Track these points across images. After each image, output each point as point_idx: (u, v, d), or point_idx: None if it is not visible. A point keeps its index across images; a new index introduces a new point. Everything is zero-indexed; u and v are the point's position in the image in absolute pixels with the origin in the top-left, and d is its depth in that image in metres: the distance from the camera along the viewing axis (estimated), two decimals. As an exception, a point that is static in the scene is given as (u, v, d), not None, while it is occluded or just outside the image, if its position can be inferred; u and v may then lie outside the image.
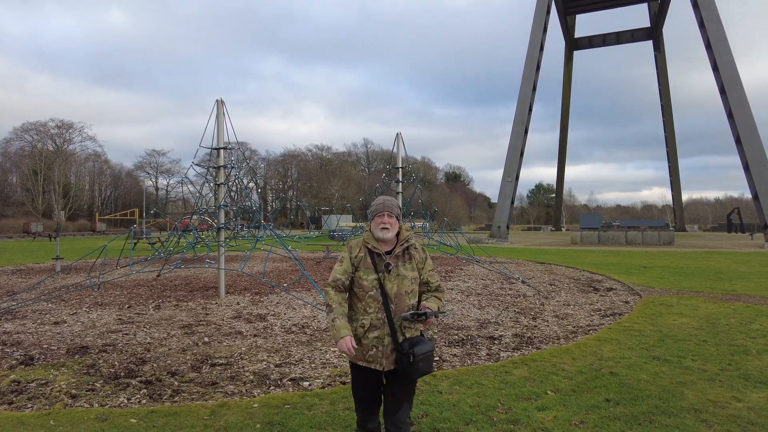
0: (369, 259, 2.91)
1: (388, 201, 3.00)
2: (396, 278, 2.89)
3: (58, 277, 13.35)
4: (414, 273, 2.96)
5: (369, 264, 2.90)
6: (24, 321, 7.66)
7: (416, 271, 2.97)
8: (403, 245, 2.97)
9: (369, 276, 2.89)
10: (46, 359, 5.60)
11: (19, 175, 66.89)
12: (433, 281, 3.02)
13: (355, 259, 2.94)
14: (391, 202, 3.00)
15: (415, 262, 2.98)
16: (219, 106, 10.07)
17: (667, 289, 10.69)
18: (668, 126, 58.54)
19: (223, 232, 10.44)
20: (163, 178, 79.77)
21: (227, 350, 5.97)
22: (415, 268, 2.97)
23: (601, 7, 49.75)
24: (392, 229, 2.94)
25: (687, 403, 4.16)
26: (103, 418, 3.90)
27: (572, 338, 6.51)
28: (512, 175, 36.54)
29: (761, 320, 7.39)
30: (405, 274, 2.92)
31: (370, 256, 2.92)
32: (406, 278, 2.91)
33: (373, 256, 2.92)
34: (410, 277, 2.93)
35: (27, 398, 4.39)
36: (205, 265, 11.28)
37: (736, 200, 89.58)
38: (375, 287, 2.87)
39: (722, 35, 31.33)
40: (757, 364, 5.19)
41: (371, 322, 2.85)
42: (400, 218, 3.02)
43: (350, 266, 2.94)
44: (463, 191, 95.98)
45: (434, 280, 3.02)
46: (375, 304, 2.86)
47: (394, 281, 2.88)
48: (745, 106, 30.13)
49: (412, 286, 2.93)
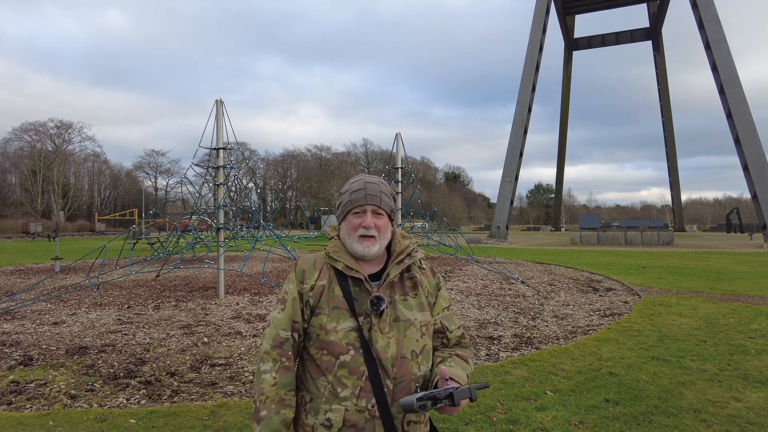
0: (339, 292, 1.61)
1: (373, 186, 1.70)
2: (394, 326, 1.59)
3: (57, 277, 13.34)
4: (424, 314, 1.66)
5: (339, 301, 1.60)
6: (23, 321, 7.65)
7: (427, 311, 1.68)
8: (400, 262, 1.68)
9: (341, 324, 1.57)
10: (45, 360, 5.59)
11: (18, 175, 66.83)
12: (453, 328, 1.74)
13: (311, 294, 1.62)
14: (377, 188, 1.70)
15: (423, 293, 1.69)
16: (218, 106, 10.06)
17: (666, 290, 10.69)
18: (667, 126, 58.57)
19: (222, 233, 10.44)
20: (162, 178, 79.76)
21: (227, 350, 5.96)
22: (424, 304, 1.67)
23: (601, 7, 49.78)
24: (381, 238, 1.66)
25: (686, 403, 4.16)
26: (102, 419, 3.90)
27: (571, 338, 6.51)
28: (511, 175, 36.55)
29: (760, 320, 7.40)
30: (409, 317, 1.62)
31: (341, 285, 1.62)
32: (411, 325, 1.61)
33: (346, 286, 1.62)
34: (418, 323, 1.63)
35: (26, 399, 4.39)
36: (204, 266, 11.28)
37: (735, 200, 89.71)
38: (353, 346, 1.55)
39: (721, 36, 31.34)
40: (756, 364, 5.20)
41: (346, 417, 1.53)
42: (393, 216, 1.77)
43: (299, 310, 1.62)
44: (462, 191, 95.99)
45: (454, 326, 1.74)
46: (354, 381, 1.54)
47: (391, 333, 1.58)
48: (744, 106, 30.14)
49: (422, 341, 1.62)
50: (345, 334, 1.57)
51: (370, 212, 1.67)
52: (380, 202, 1.68)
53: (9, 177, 68.81)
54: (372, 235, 1.64)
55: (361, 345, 1.56)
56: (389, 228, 1.71)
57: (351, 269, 1.63)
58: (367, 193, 1.68)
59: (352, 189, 1.71)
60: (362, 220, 1.65)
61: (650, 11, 54.19)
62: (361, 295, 1.62)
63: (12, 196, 66.50)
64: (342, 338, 1.56)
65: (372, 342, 1.56)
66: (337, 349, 1.56)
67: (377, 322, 1.57)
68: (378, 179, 1.75)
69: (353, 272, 1.63)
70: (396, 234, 1.76)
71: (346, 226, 1.69)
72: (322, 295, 1.62)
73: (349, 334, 1.57)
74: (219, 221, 10.29)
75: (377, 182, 1.73)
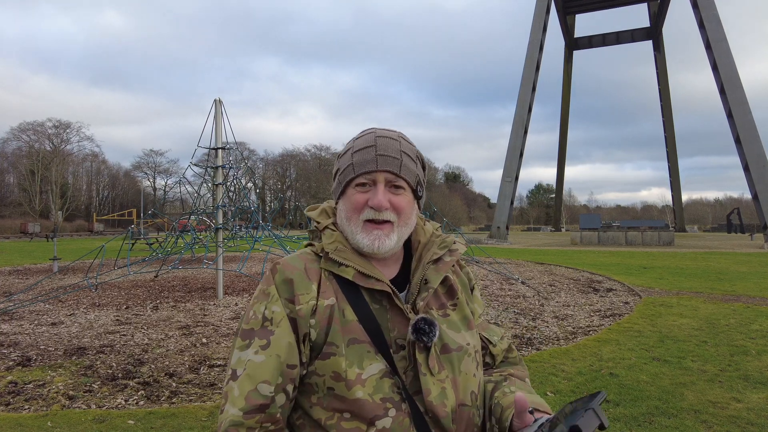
0: (352, 316, 1.03)
1: (389, 143, 1.10)
2: (444, 361, 1.06)
3: (56, 277, 13.32)
4: (473, 334, 1.15)
5: (356, 331, 1.02)
6: (21, 322, 7.63)
7: (474, 327, 1.16)
8: (437, 261, 1.14)
9: (367, 369, 1.00)
10: (43, 360, 5.57)
11: (17, 175, 66.89)
12: (496, 339, 1.26)
13: (313, 323, 1.02)
14: (395, 146, 1.10)
15: (462, 297, 1.17)
16: (217, 106, 10.05)
17: (666, 290, 10.68)
18: (668, 126, 58.58)
19: (221, 233, 10.42)
20: (160, 178, 79.74)
21: (225, 351, 5.94)
22: (468, 317, 1.15)
23: (601, 6, 49.77)
24: (400, 224, 1.09)
25: (686, 403, 4.14)
26: (100, 420, 3.88)
27: (572, 339, 6.49)
28: (512, 175, 36.54)
29: (761, 321, 7.38)
30: (459, 342, 1.09)
31: (352, 304, 1.04)
32: (465, 355, 1.09)
33: (362, 304, 1.04)
34: (472, 350, 1.12)
35: (24, 399, 4.37)
36: (203, 266, 11.25)
37: (735, 200, 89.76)
38: (393, 403, 1.00)
39: (722, 35, 31.33)
40: (756, 365, 5.18)
41: None
42: (422, 191, 1.16)
43: (295, 348, 1.01)
44: (462, 191, 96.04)
45: (496, 337, 1.27)
46: None
47: (443, 373, 1.04)
48: (745, 106, 30.14)
49: (478, 374, 1.12)
50: (377, 385, 0.98)
51: (382, 183, 1.07)
52: (399, 168, 1.07)
53: (7, 177, 68.85)
54: (386, 219, 1.06)
55: (404, 399, 1.00)
56: (414, 210, 1.12)
57: (367, 277, 1.04)
58: (379, 153, 1.07)
59: (356, 147, 1.10)
60: (370, 197, 1.07)
61: (651, 11, 54.18)
62: (385, 316, 1.04)
63: (10, 196, 66.52)
64: (374, 392, 0.98)
65: (425, 392, 1.00)
66: (369, 411, 0.97)
67: (424, 360, 1.01)
68: (397, 134, 1.14)
69: (371, 282, 1.04)
70: (412, 218, 1.14)
71: (345, 205, 1.10)
72: (331, 322, 1.01)
73: (383, 384, 0.99)
74: (218, 221, 10.27)
75: (396, 137, 1.12)
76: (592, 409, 0.90)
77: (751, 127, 29.82)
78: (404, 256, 1.17)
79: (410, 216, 1.11)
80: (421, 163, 1.16)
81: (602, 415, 0.90)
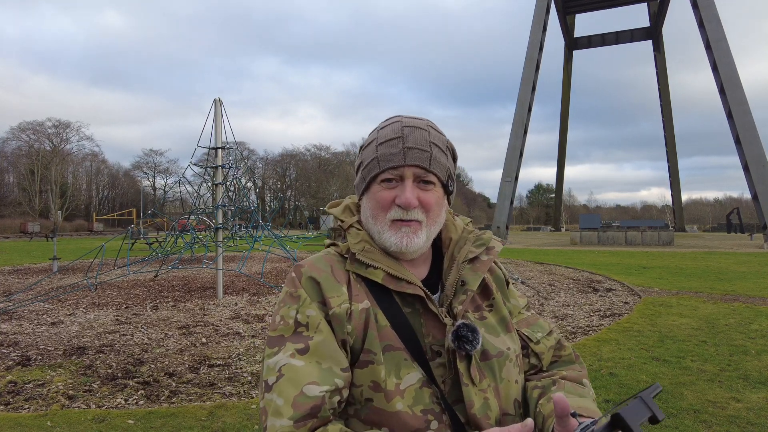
0: (384, 321, 0.95)
1: (418, 133, 1.01)
2: (485, 369, 0.97)
3: (55, 277, 13.31)
4: (512, 337, 1.05)
5: (390, 337, 0.94)
6: (21, 321, 7.62)
7: (513, 329, 1.06)
8: (473, 261, 1.05)
9: (405, 378, 0.92)
10: (43, 360, 5.57)
11: (16, 174, 66.85)
12: (540, 336, 1.10)
13: (350, 328, 0.93)
14: (424, 136, 1.01)
15: (498, 296, 1.08)
16: (216, 106, 10.04)
17: (666, 290, 10.68)
18: (668, 126, 58.58)
19: (221, 233, 10.41)
20: (160, 177, 79.72)
21: (225, 351, 5.94)
22: (507, 318, 1.06)
23: (601, 6, 49.76)
24: (429, 223, 1.00)
25: (686, 403, 4.15)
26: (100, 419, 3.88)
27: (571, 339, 6.50)
28: (511, 175, 36.54)
29: (760, 320, 7.39)
30: (499, 346, 1.00)
31: (383, 308, 0.96)
32: (507, 360, 1.00)
33: (395, 309, 0.97)
34: (513, 354, 1.02)
35: (24, 399, 4.37)
36: (202, 266, 11.25)
37: (735, 200, 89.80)
38: (434, 414, 0.92)
39: (722, 35, 31.33)
40: (756, 365, 5.18)
41: None
42: (452, 185, 1.06)
43: (342, 354, 0.92)
44: (462, 191, 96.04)
45: (541, 333, 1.10)
46: None
47: (485, 382, 0.96)
48: (745, 106, 30.14)
49: (520, 380, 1.03)
50: (417, 396, 0.91)
51: (410, 179, 0.98)
52: (429, 162, 0.98)
53: (7, 177, 68.84)
54: (414, 218, 0.97)
55: (444, 409, 0.92)
56: (443, 206, 1.04)
57: (397, 279, 0.96)
58: (407, 146, 0.98)
59: (381, 138, 1.01)
60: (397, 194, 0.98)
61: (650, 10, 54.17)
62: (419, 321, 0.96)
63: (10, 195, 66.52)
64: (414, 403, 0.90)
65: (469, 402, 0.92)
66: (411, 425, 0.89)
67: (465, 369, 0.93)
68: (426, 122, 1.05)
69: (402, 284, 0.96)
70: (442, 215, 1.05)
71: (371, 202, 1.01)
72: (367, 327, 0.93)
73: (423, 395, 0.91)
74: (217, 221, 10.27)
75: (425, 127, 1.02)
76: (641, 398, 0.75)
77: (751, 127, 29.82)
78: (433, 254, 1.08)
79: (440, 213, 1.03)
80: (452, 154, 1.07)
81: (654, 406, 0.75)
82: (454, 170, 1.06)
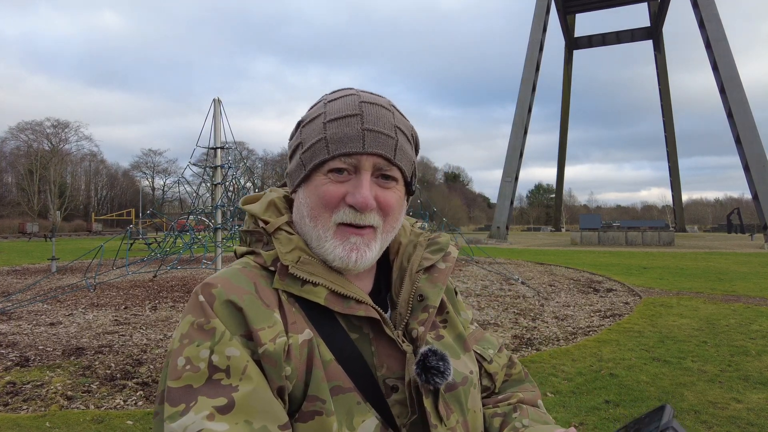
0: (328, 355, 0.72)
1: (380, 112, 0.77)
2: (451, 401, 0.77)
3: (54, 277, 13.30)
4: (470, 356, 0.86)
5: (337, 374, 0.71)
6: (19, 322, 7.61)
7: (468, 347, 0.86)
8: (429, 270, 0.85)
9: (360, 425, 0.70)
10: (41, 360, 5.55)
11: (15, 174, 66.82)
12: (491, 353, 0.93)
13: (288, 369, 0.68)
14: (387, 118, 0.77)
15: (451, 309, 0.88)
16: (216, 105, 10.03)
17: (666, 290, 10.67)
18: (668, 126, 58.58)
19: (220, 233, 10.40)
20: (159, 177, 79.69)
21: (224, 351, 5.92)
22: (462, 335, 0.86)
23: (601, 6, 49.77)
24: (385, 230, 0.79)
25: (687, 404, 4.14)
26: (99, 420, 3.86)
27: (572, 339, 6.48)
28: (512, 175, 36.54)
29: (761, 321, 7.37)
30: (461, 370, 0.81)
31: (324, 337, 0.73)
32: (470, 386, 0.82)
33: (340, 336, 0.74)
34: (475, 378, 0.84)
35: (22, 400, 4.35)
36: (201, 266, 11.23)
37: (735, 200, 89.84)
38: None
39: (722, 35, 31.33)
40: (756, 365, 5.17)
41: None
42: (414, 181, 0.84)
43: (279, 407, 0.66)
44: (462, 191, 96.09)
45: (492, 349, 0.94)
46: None
47: (453, 417, 0.76)
48: (745, 105, 30.13)
49: (481, 409, 0.85)
50: None
51: (369, 172, 0.76)
52: (394, 152, 0.77)
53: (5, 176, 68.83)
54: (368, 224, 0.76)
55: None
56: (403, 209, 0.84)
57: (344, 299, 0.75)
58: (366, 127, 0.75)
59: (330, 114, 0.78)
60: (349, 189, 0.76)
61: (651, 10, 54.19)
62: (368, 349, 0.75)
63: (8, 195, 66.50)
64: None
65: None
66: None
67: (432, 407, 0.74)
68: (387, 101, 0.83)
69: (350, 305, 0.75)
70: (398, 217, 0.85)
71: (310, 198, 0.78)
72: (311, 366, 0.71)
73: None
74: (216, 221, 10.26)
75: (387, 106, 0.81)
76: (672, 428, 0.63)
77: (751, 127, 29.82)
78: (377, 262, 0.84)
79: (398, 219, 0.81)
80: (415, 145, 0.85)
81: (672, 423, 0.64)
82: (416, 164, 0.85)
